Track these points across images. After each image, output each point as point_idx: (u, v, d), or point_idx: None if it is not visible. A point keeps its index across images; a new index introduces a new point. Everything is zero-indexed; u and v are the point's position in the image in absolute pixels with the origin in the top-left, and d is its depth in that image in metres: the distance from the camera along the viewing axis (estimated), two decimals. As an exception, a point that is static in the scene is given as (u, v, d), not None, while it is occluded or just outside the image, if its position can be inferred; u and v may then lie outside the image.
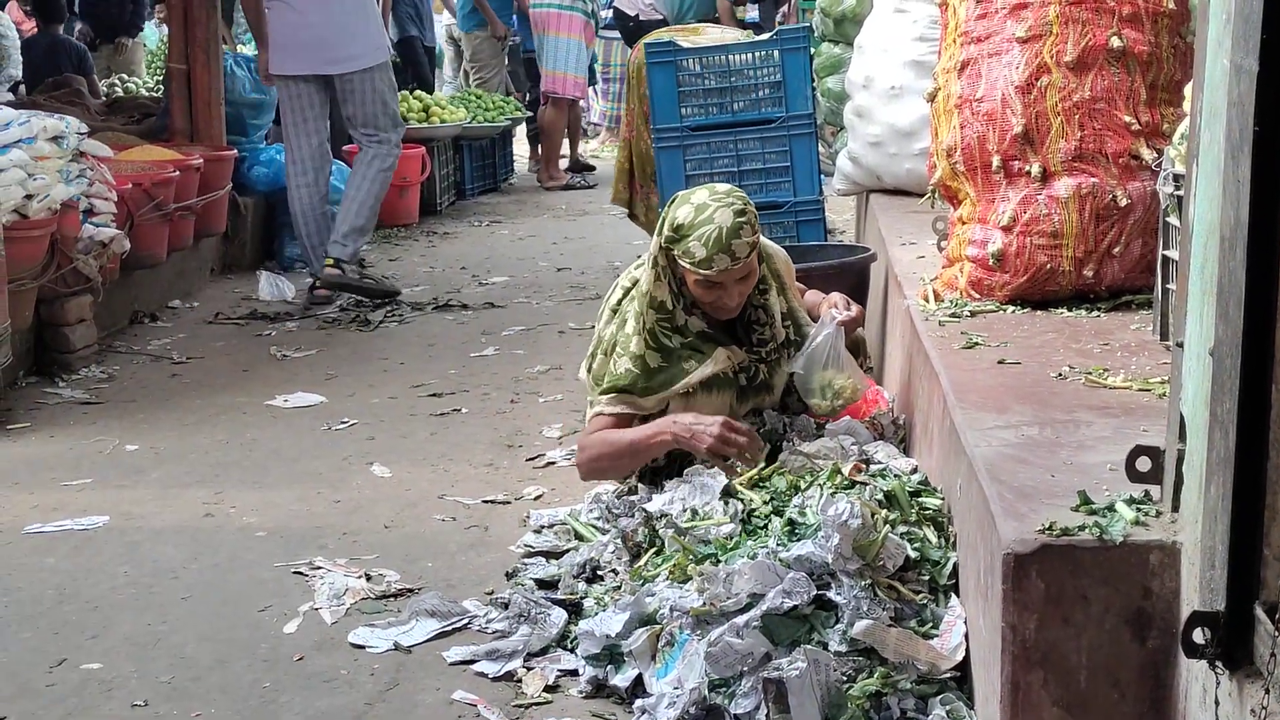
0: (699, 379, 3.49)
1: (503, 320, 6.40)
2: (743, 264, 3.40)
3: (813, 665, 2.53)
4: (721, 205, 3.39)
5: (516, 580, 3.34)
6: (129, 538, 3.77)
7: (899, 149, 5.24)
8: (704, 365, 3.50)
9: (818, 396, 3.50)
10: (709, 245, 3.35)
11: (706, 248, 3.36)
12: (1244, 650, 1.79)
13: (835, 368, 3.49)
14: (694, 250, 3.37)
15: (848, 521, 2.67)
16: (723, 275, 3.39)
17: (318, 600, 3.31)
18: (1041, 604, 2.09)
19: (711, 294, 3.45)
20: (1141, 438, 2.33)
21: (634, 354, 3.49)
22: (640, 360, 3.48)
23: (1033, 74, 3.49)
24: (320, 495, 4.08)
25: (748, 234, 3.38)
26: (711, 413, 3.50)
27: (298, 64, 6.72)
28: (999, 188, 3.56)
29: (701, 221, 3.37)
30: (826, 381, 3.49)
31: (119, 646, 3.12)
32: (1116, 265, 3.49)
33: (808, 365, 3.50)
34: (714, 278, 3.39)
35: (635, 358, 3.48)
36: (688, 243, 3.38)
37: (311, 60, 6.71)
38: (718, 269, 3.37)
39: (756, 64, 5.66)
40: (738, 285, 3.45)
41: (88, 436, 4.71)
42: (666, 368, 3.48)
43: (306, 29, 6.66)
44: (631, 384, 3.48)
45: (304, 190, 6.88)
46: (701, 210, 3.39)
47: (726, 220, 3.36)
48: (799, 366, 3.52)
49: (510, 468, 4.29)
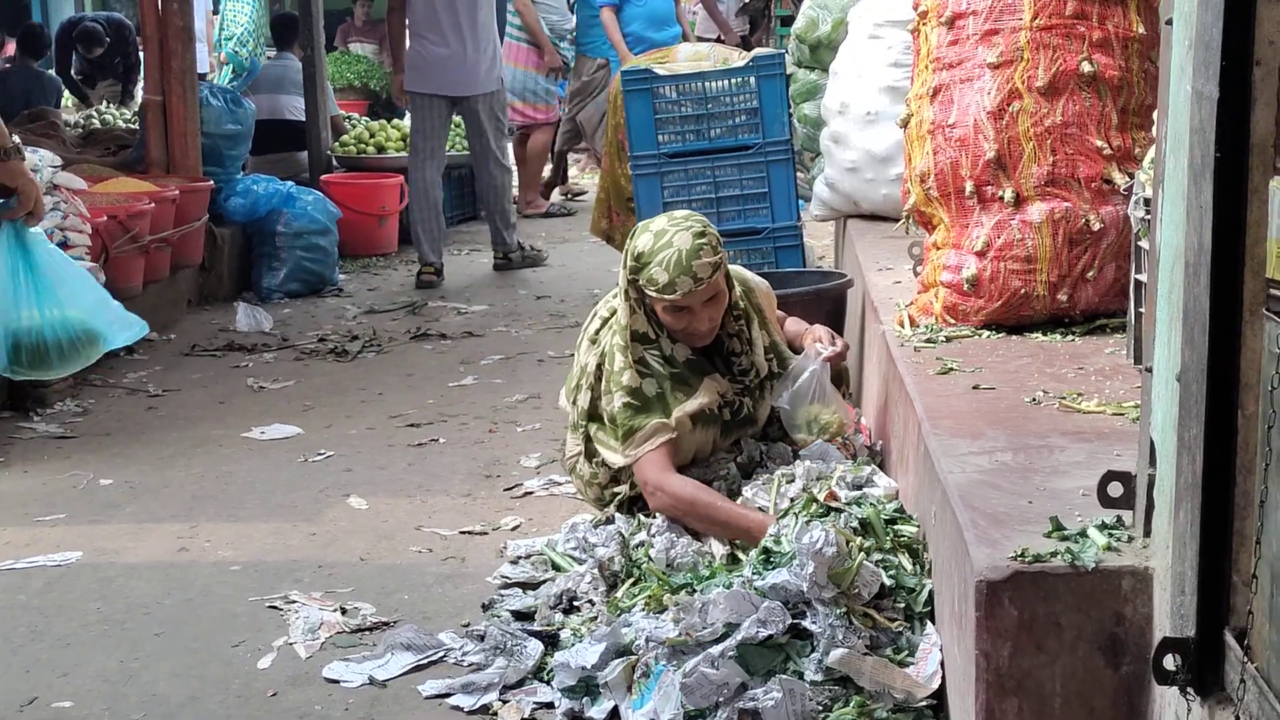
0: (692, 410, 3.48)
1: (481, 349, 6.38)
2: (707, 285, 3.39)
3: (788, 695, 2.51)
4: (680, 229, 3.40)
5: (493, 612, 3.32)
6: (102, 573, 3.73)
7: (875, 174, 5.26)
8: (693, 397, 3.49)
9: (803, 431, 3.50)
10: (670, 269, 3.35)
11: (668, 272, 3.36)
12: (1215, 676, 1.79)
13: (820, 402, 3.50)
14: (657, 276, 3.37)
15: (823, 549, 2.66)
16: (688, 298, 3.39)
17: (292, 635, 3.29)
18: (1015, 631, 2.09)
19: (681, 320, 3.44)
20: (1114, 463, 2.33)
21: (627, 386, 3.47)
22: (636, 391, 3.46)
23: (1004, 99, 3.51)
24: (296, 528, 4.05)
25: (708, 254, 3.37)
26: (695, 447, 3.50)
27: (429, 85, 8.11)
28: (973, 213, 3.56)
29: (661, 247, 3.38)
30: (812, 416, 3.50)
31: (91, 684, 3.09)
32: (1090, 289, 3.50)
33: (793, 401, 3.51)
34: (679, 301, 3.39)
35: (629, 389, 3.46)
36: (650, 270, 3.38)
37: (441, 83, 8.11)
38: (681, 292, 3.37)
39: (733, 90, 5.66)
40: (705, 309, 3.45)
41: (62, 471, 4.68)
42: (661, 394, 3.47)
43: (440, 56, 8.10)
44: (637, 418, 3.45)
45: (423, 187, 8.15)
46: (660, 236, 3.40)
47: (686, 243, 3.37)
48: (784, 402, 3.53)
49: (488, 498, 4.27)
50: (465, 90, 8.19)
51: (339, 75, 13.04)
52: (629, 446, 3.46)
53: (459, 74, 8.14)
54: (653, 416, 3.44)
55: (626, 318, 3.49)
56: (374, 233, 8.97)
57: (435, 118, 8.21)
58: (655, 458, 3.43)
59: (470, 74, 8.17)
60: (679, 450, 3.50)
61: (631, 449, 3.45)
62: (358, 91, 13.27)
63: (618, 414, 3.48)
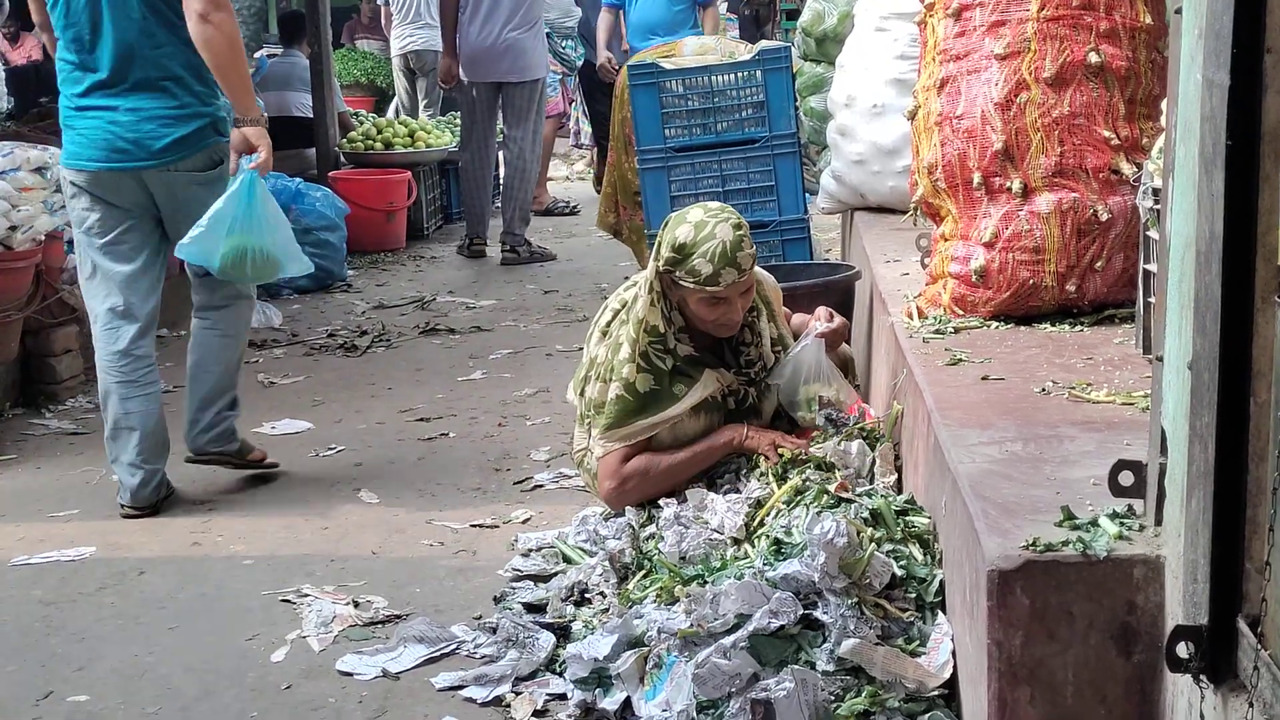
0: (692, 404, 3.49)
1: (490, 344, 6.39)
2: (747, 276, 3.45)
3: (800, 685, 2.52)
4: (720, 221, 3.43)
5: (504, 604, 3.33)
6: (116, 568, 3.75)
7: (882, 167, 5.25)
8: (694, 389, 3.51)
9: (803, 409, 3.51)
10: (715, 260, 3.38)
11: (713, 263, 3.38)
12: (1228, 664, 1.79)
13: (820, 380, 3.49)
14: (700, 268, 3.39)
15: (834, 540, 2.67)
16: (729, 289, 3.42)
17: (305, 628, 3.30)
18: (1027, 620, 2.09)
19: (716, 310, 3.47)
20: (1125, 452, 2.34)
21: (625, 379, 3.49)
22: (630, 386, 3.48)
23: (1012, 90, 3.51)
24: (308, 522, 4.07)
25: (748, 245, 3.44)
26: (695, 434, 3.52)
27: (475, 73, 8.49)
28: (980, 204, 3.57)
29: (704, 238, 3.40)
30: (812, 395, 3.50)
31: (106, 678, 3.11)
32: (1099, 280, 3.50)
33: (791, 378, 3.52)
34: (720, 293, 3.41)
35: (626, 384, 3.49)
36: (692, 261, 3.39)
37: (488, 70, 8.46)
38: (725, 283, 3.40)
39: (739, 84, 5.67)
40: (741, 299, 3.49)
41: (74, 467, 4.69)
42: (658, 391, 3.49)
43: (486, 43, 8.42)
44: (624, 415, 3.49)
45: (471, 170, 8.62)
46: (701, 228, 3.42)
47: (728, 235, 3.40)
48: (782, 379, 3.54)
49: (498, 491, 4.28)
50: (507, 76, 8.48)
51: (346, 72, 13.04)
52: (607, 438, 3.50)
53: (503, 61, 8.42)
54: (641, 417, 3.48)
55: (644, 310, 3.50)
56: (382, 228, 8.96)
57: (481, 104, 8.56)
58: (620, 454, 3.51)
59: (514, 62, 8.44)
60: (684, 435, 3.54)
61: (607, 441, 3.51)
62: (364, 88, 13.26)
63: (609, 405, 3.51)
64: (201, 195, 4.19)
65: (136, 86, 4.15)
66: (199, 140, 4.21)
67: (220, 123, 4.28)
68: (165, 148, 4.16)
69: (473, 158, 8.65)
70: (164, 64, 4.15)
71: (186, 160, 4.19)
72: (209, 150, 4.24)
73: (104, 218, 4.21)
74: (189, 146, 4.19)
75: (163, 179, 4.19)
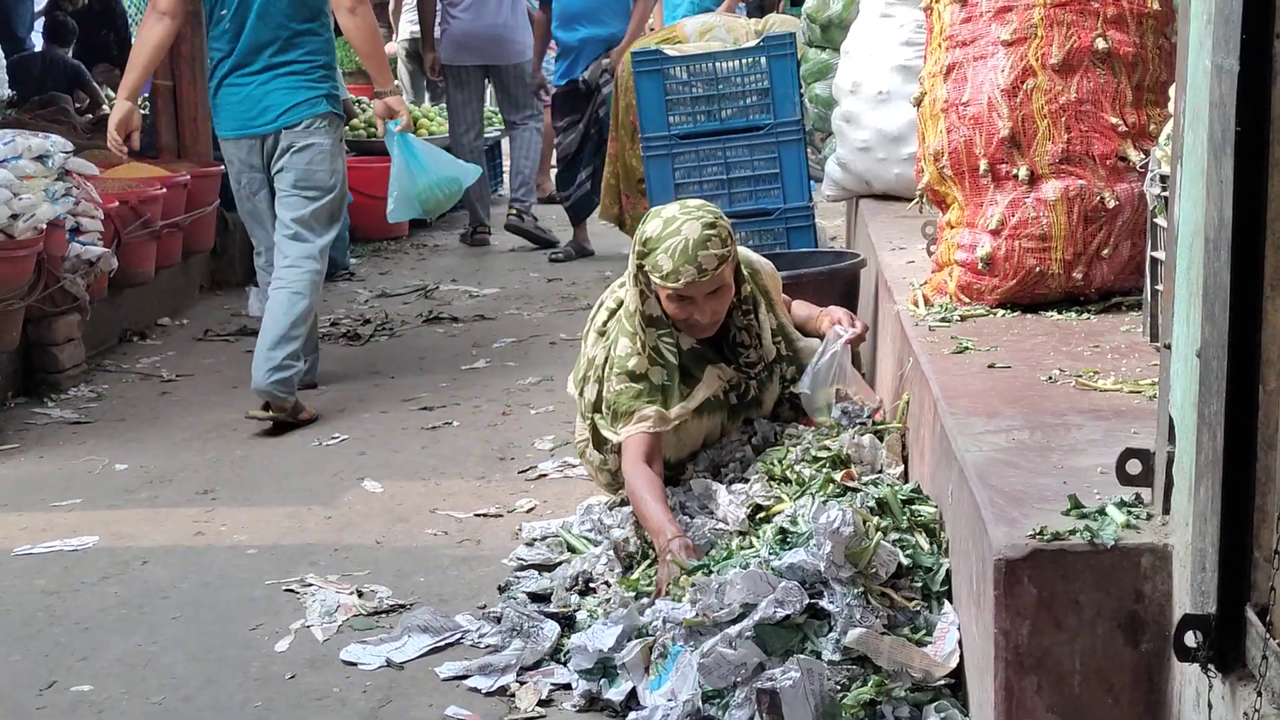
0: (695, 405, 3.47)
1: (493, 332, 6.39)
2: (711, 277, 3.34)
3: (806, 675, 2.51)
4: (690, 218, 3.37)
5: (509, 594, 3.33)
6: (119, 558, 3.75)
7: (887, 154, 5.23)
8: (696, 390, 3.47)
9: (824, 414, 3.49)
10: (675, 257, 3.32)
11: (673, 260, 3.33)
12: (1236, 653, 1.78)
13: (840, 384, 3.49)
14: (661, 263, 3.34)
15: (840, 529, 2.65)
16: (690, 288, 3.34)
17: (309, 618, 3.30)
18: (1034, 609, 2.08)
19: (683, 310, 3.40)
20: (1132, 440, 2.32)
21: (632, 372, 3.43)
22: (642, 378, 3.43)
23: (1018, 77, 3.49)
24: (311, 512, 4.06)
25: (715, 246, 3.33)
26: (702, 434, 3.50)
27: (462, 57, 8.62)
28: (987, 191, 3.55)
29: (669, 234, 3.35)
30: (832, 398, 3.49)
31: (110, 668, 3.10)
32: (1105, 267, 3.48)
33: (814, 384, 3.50)
34: (681, 290, 3.35)
35: (635, 375, 3.43)
36: (655, 255, 3.35)
37: (474, 53, 8.59)
38: (684, 281, 3.33)
39: (744, 71, 5.65)
40: (708, 301, 3.40)
41: (77, 456, 4.69)
42: (667, 386, 3.45)
43: (470, 28, 8.55)
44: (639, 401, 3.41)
45: (465, 151, 8.42)
46: (670, 223, 3.37)
47: (694, 232, 3.33)
48: (805, 386, 3.51)
49: (502, 480, 4.27)
50: (496, 59, 8.62)
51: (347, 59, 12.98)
52: (621, 425, 3.44)
53: (490, 44, 8.56)
54: (651, 403, 3.42)
55: (637, 303, 3.46)
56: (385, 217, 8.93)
57: (470, 88, 8.75)
58: (637, 442, 3.38)
59: (500, 44, 8.58)
60: (687, 437, 3.51)
61: (622, 427, 3.43)
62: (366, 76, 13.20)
63: (617, 397, 3.44)
64: None
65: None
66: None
67: None
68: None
69: (466, 146, 8.65)
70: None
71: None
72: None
73: None
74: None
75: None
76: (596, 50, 8.01)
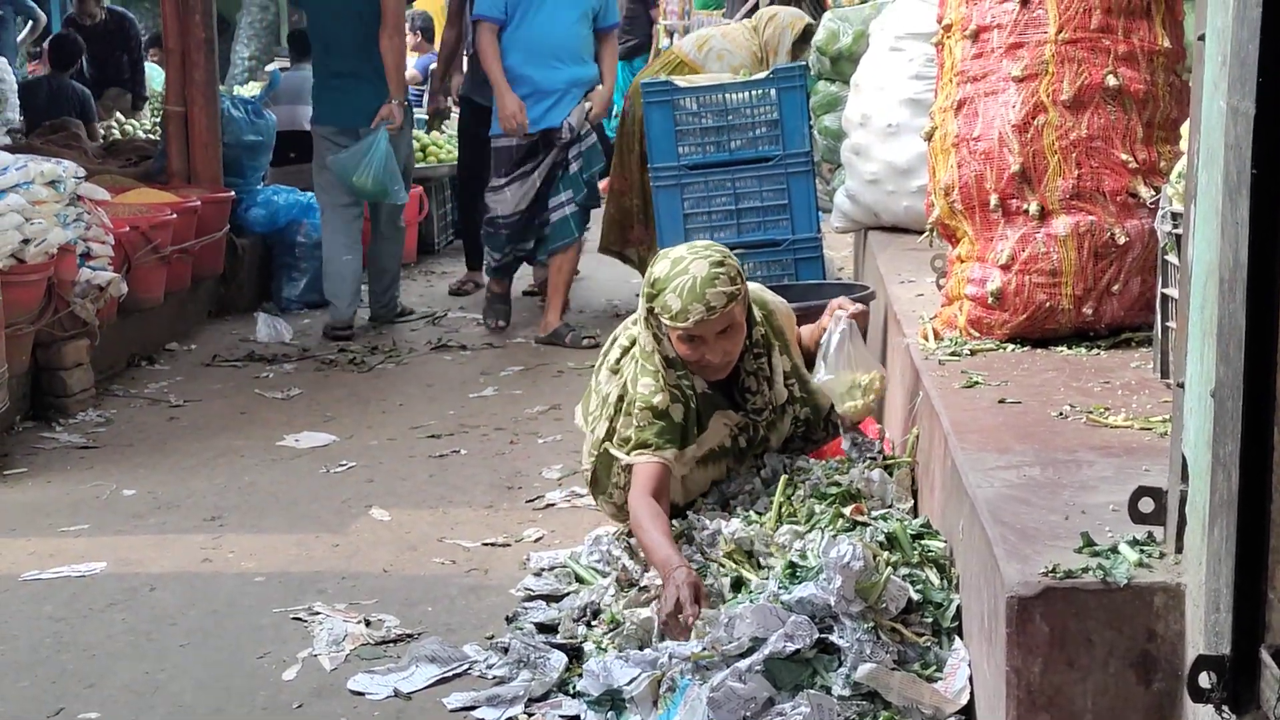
0: (700, 455, 3.47)
1: (501, 360, 6.39)
2: (720, 315, 3.32)
3: (816, 710, 2.51)
4: (698, 257, 3.36)
5: (517, 624, 3.32)
6: (127, 584, 3.74)
7: (897, 186, 5.25)
8: (702, 440, 3.47)
9: (850, 400, 3.47)
10: (683, 296, 3.31)
11: (681, 299, 3.31)
12: (1250, 694, 1.78)
13: (861, 364, 3.48)
14: (670, 303, 3.33)
15: (850, 563, 2.65)
16: (700, 327, 3.32)
17: (316, 646, 3.29)
18: (1046, 647, 2.08)
19: (695, 351, 3.38)
20: (1144, 478, 2.32)
21: (656, 407, 3.39)
22: (664, 414, 3.40)
23: (1029, 113, 3.50)
24: (319, 539, 4.06)
25: (724, 284, 3.31)
26: (708, 481, 3.51)
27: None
28: (997, 226, 3.56)
29: (677, 274, 3.34)
30: (854, 381, 3.47)
31: (117, 695, 3.10)
32: (1116, 303, 3.49)
33: (832, 370, 3.48)
34: (691, 330, 3.33)
35: (658, 411, 3.40)
36: (664, 296, 3.34)
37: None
38: (693, 320, 3.31)
39: (753, 102, 5.68)
40: (719, 341, 3.38)
41: (85, 481, 4.69)
42: (685, 426, 3.44)
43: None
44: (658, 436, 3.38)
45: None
46: (677, 264, 3.36)
47: (701, 270, 3.32)
48: (823, 376, 3.50)
49: (510, 509, 4.27)
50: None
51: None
52: (635, 452, 3.40)
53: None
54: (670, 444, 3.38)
55: (652, 344, 3.45)
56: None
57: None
58: (647, 474, 3.34)
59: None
60: (693, 484, 3.53)
61: (635, 454, 3.39)
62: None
63: (639, 433, 3.40)
64: None
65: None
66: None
67: None
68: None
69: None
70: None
71: None
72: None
73: None
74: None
75: None
76: (579, 95, 6.80)
